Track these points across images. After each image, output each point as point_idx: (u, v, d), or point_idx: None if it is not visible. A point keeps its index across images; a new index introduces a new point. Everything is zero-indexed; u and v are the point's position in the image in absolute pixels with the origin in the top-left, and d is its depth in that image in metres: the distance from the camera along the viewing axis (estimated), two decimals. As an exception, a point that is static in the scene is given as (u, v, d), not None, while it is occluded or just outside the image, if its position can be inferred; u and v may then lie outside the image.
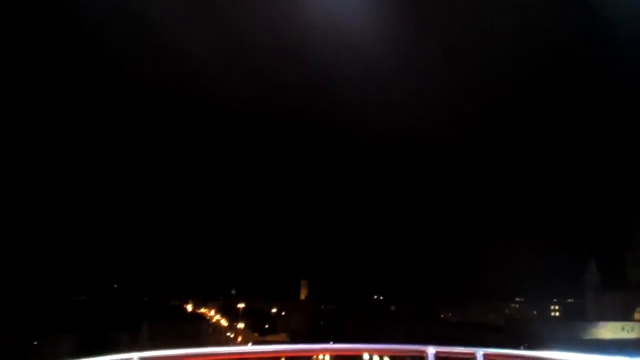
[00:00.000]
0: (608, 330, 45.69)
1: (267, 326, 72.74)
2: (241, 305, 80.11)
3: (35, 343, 50.24)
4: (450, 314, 68.19)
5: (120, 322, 55.50)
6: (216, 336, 75.23)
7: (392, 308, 66.28)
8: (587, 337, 45.69)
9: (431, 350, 2.45)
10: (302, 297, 75.40)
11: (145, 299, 67.47)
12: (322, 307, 69.66)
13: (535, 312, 62.61)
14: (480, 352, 2.40)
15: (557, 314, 62.55)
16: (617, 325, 45.47)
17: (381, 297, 69.82)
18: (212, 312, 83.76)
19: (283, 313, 75.90)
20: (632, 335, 44.77)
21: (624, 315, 49.05)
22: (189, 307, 78.36)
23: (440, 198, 74.80)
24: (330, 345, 2.67)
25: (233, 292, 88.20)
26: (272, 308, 78.26)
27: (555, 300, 63.03)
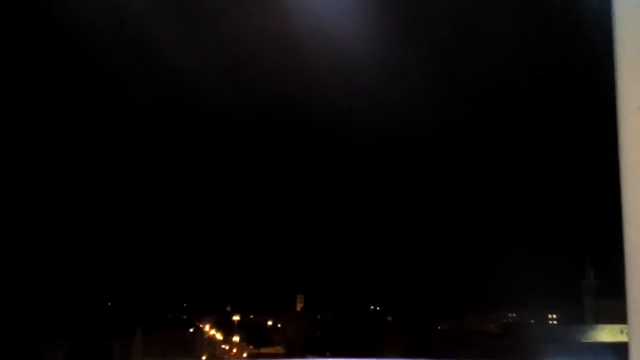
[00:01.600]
0: (607, 333, 45.43)
1: (262, 338, 72.01)
2: (236, 319, 79.30)
3: (28, 349, 49.54)
4: (447, 325, 67.70)
5: (114, 330, 54.74)
6: (211, 349, 74.24)
7: (389, 318, 65.74)
8: (586, 340, 45.45)
9: None
10: (298, 309, 74.71)
11: (140, 310, 66.69)
12: (318, 317, 69.09)
13: (533, 321, 62.29)
14: None
15: (555, 322, 62.29)
16: (616, 328, 45.20)
17: (378, 308, 69.31)
18: (207, 327, 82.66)
19: (279, 325, 75.16)
20: (631, 338, 44.59)
21: (622, 320, 48.89)
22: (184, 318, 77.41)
23: (436, 208, 74.76)
24: None
25: (228, 308, 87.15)
26: (267, 321, 77.51)
27: (552, 308, 62.83)
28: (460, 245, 68.81)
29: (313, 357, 61.38)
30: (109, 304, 74.87)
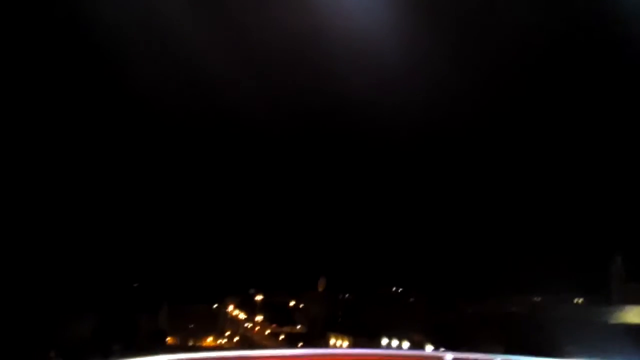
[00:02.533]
0: (635, 315, 44.78)
1: (285, 318, 72.87)
2: (259, 299, 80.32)
3: (57, 322, 50.91)
4: (470, 309, 67.37)
5: (141, 304, 56.14)
6: (234, 327, 75.40)
7: (411, 299, 65.75)
8: (613, 322, 44.83)
9: (449, 357, 2.57)
10: (320, 289, 75.23)
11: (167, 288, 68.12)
12: (340, 297, 69.53)
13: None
14: (497, 358, 2.43)
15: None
16: (644, 309, 44.56)
17: (400, 289, 69.32)
18: (231, 308, 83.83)
19: (301, 305, 75.90)
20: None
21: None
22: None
23: (461, 192, 73.97)
24: (352, 351, 2.74)
25: (252, 290, 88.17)
26: (290, 301, 78.29)
27: (577, 292, 62.02)
28: (484, 229, 68.12)
29: (334, 335, 61.89)
30: (136, 283, 76.96)
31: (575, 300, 62.41)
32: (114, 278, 65.02)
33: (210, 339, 66.06)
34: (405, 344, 46.14)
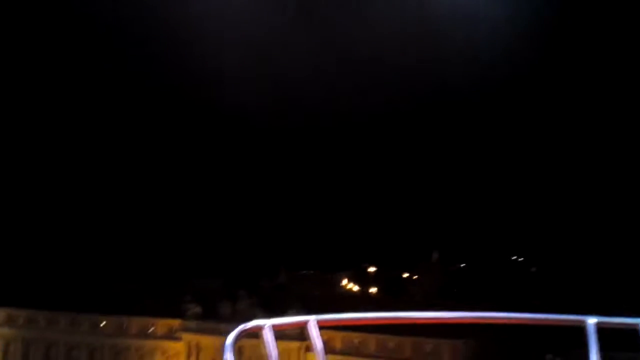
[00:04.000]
0: None
1: (398, 289, 72.46)
2: (372, 271, 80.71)
3: (190, 283, 55.75)
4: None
5: (262, 269, 59.36)
6: (348, 299, 76.51)
7: (533, 269, 61.89)
8: None
9: (591, 321, 2.08)
10: (433, 260, 73.75)
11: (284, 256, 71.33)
12: (454, 267, 67.53)
13: None
14: None
15: None
16: None
17: (520, 259, 65.52)
18: (345, 281, 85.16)
19: (414, 277, 74.99)
20: None
21: None
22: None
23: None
24: (478, 314, 2.34)
25: (365, 264, 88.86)
26: (403, 273, 77.71)
27: None
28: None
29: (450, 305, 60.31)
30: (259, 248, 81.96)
31: None
32: (237, 246, 70.06)
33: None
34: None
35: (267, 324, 1.87)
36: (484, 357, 35.93)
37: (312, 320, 1.98)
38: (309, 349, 40.50)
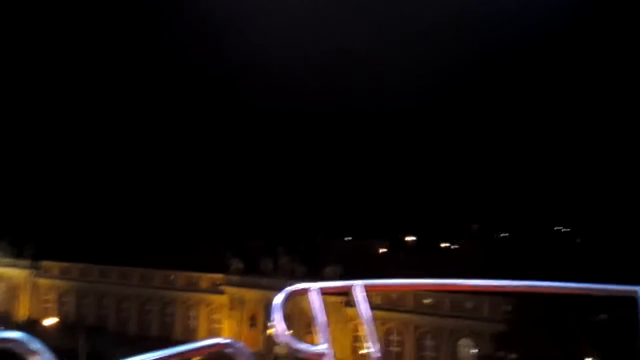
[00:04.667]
0: None
1: (437, 258, 72.40)
2: (410, 240, 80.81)
3: (229, 243, 57.76)
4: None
5: (299, 234, 61.00)
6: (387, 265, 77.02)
7: (578, 240, 60.54)
8: None
9: None
10: (473, 231, 73.11)
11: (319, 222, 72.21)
12: (495, 236, 66.83)
13: None
14: None
15: None
16: None
17: (563, 229, 64.17)
18: (382, 250, 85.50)
19: (453, 247, 74.72)
20: None
21: None
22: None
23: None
24: (527, 283, 2.27)
25: (402, 234, 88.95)
26: (442, 243, 77.51)
27: None
28: None
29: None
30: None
31: None
32: (278, 210, 71.96)
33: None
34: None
35: (314, 287, 1.89)
36: (526, 314, 35.77)
37: (358, 285, 1.99)
38: (348, 303, 41.35)
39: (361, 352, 43.68)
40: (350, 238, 71.17)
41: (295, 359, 1.78)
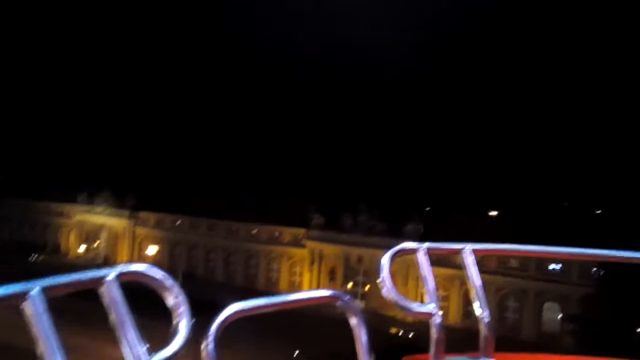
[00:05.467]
0: None
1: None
2: (494, 214, 78.95)
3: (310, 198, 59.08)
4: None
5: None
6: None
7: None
8: None
9: None
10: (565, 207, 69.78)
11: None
12: (589, 214, 63.37)
13: None
14: None
15: None
16: None
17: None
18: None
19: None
20: None
21: None
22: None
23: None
24: (632, 254, 2.17)
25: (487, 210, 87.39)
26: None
27: None
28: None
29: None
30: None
31: None
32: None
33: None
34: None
35: (422, 247, 1.87)
36: (617, 281, 34.06)
37: (467, 248, 1.96)
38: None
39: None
40: (429, 208, 70.55)
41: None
